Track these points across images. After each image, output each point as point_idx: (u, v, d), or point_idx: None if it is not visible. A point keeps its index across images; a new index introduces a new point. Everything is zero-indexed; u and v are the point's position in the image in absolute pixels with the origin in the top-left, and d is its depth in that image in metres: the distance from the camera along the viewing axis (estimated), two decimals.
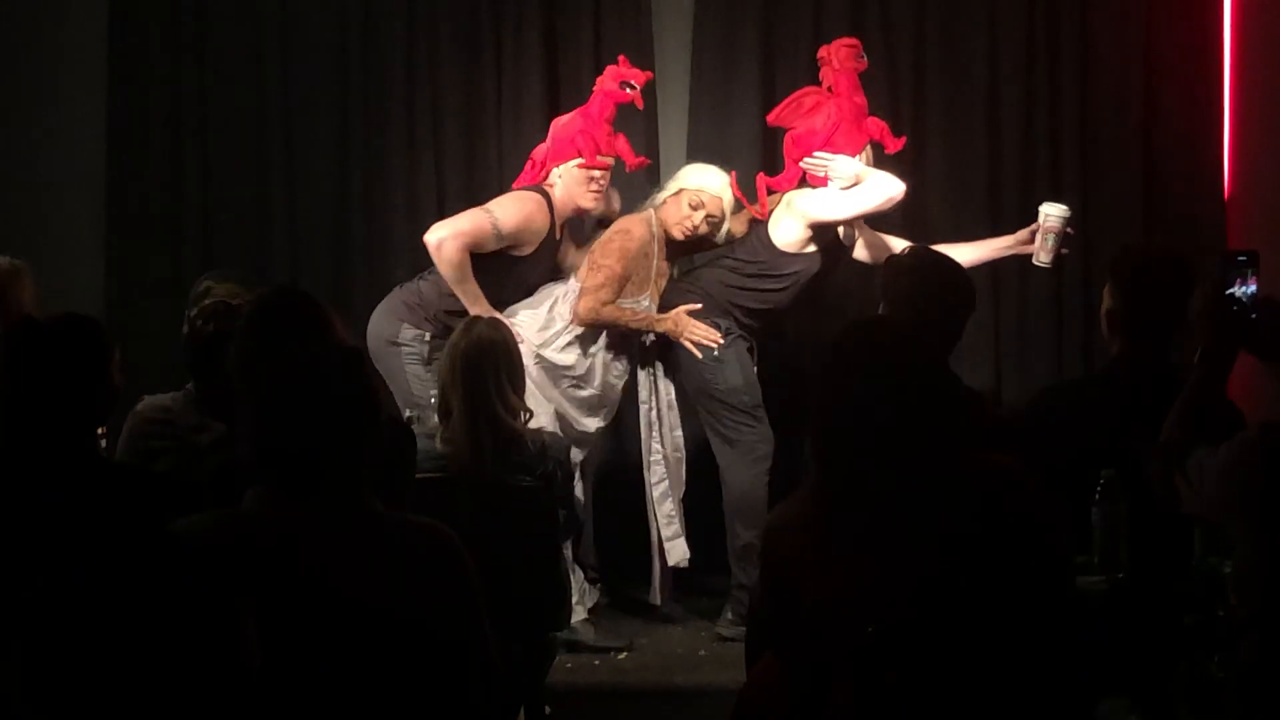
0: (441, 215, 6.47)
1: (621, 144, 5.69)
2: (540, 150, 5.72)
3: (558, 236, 5.66)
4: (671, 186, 5.73)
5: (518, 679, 3.97)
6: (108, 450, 4.38)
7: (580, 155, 5.56)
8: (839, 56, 5.72)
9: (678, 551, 5.75)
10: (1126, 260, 3.91)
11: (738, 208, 5.74)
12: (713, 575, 5.92)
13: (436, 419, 4.46)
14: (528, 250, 5.55)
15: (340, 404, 2.76)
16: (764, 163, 6.24)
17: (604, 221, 5.82)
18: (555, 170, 5.61)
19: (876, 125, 5.74)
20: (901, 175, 5.84)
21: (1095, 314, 4.02)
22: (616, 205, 5.85)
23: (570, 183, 5.59)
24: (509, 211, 5.52)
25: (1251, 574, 2.81)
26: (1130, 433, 3.31)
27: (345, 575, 2.67)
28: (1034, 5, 6.43)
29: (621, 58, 5.81)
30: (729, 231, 5.77)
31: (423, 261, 6.47)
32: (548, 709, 4.55)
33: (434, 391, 4.78)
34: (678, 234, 5.67)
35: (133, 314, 6.51)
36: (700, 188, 5.67)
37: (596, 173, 5.57)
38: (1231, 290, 3.17)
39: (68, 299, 5.69)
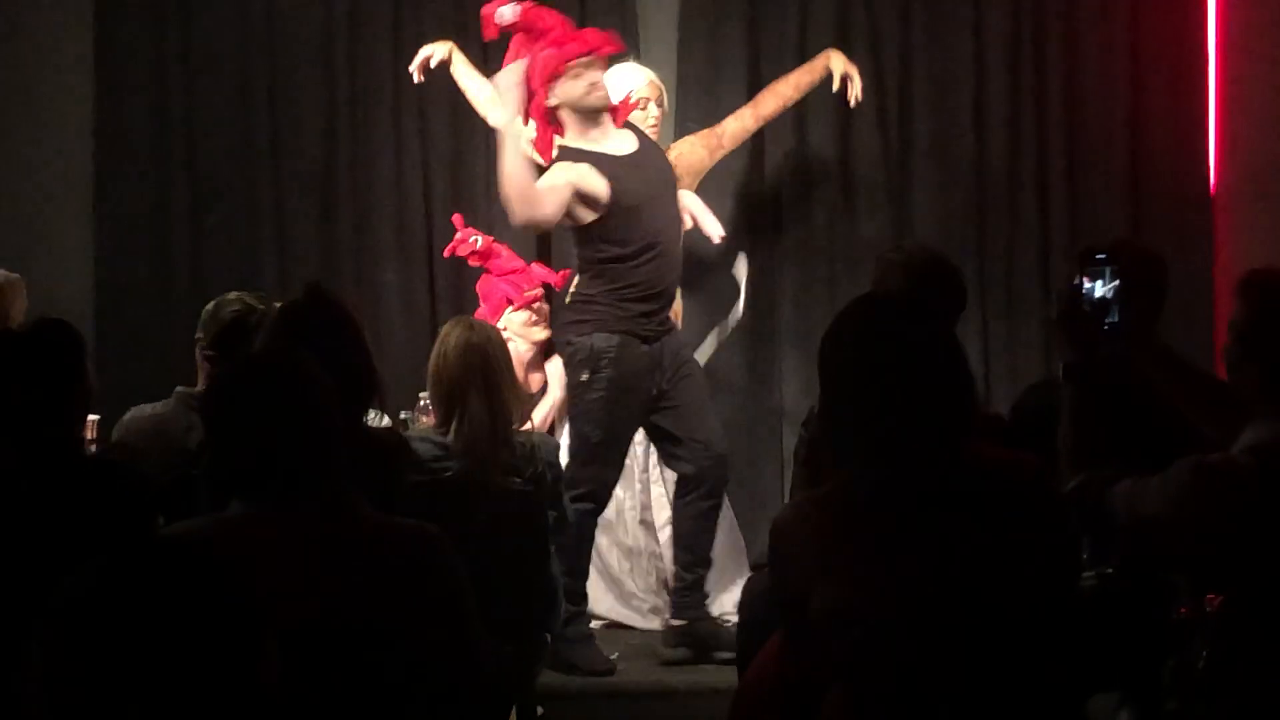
0: (429, 217, 6.51)
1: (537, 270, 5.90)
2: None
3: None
4: None
5: (509, 680, 3.97)
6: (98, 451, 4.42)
7: (510, 302, 5.80)
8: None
9: None
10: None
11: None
12: None
13: (423, 421, 4.43)
14: None
15: (274, 407, 2.72)
16: (750, 162, 6.27)
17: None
18: (500, 326, 5.70)
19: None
20: (889, 176, 5.84)
21: None
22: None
23: (517, 328, 5.80)
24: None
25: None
26: None
27: (331, 577, 2.67)
28: (1019, 6, 6.44)
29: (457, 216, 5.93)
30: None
31: (412, 265, 6.50)
32: (540, 710, 4.55)
33: (423, 394, 4.75)
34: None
35: (120, 321, 6.51)
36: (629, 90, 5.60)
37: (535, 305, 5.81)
38: (1091, 293, 2.94)
39: (55, 306, 5.69)
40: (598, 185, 5.13)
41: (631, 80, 5.71)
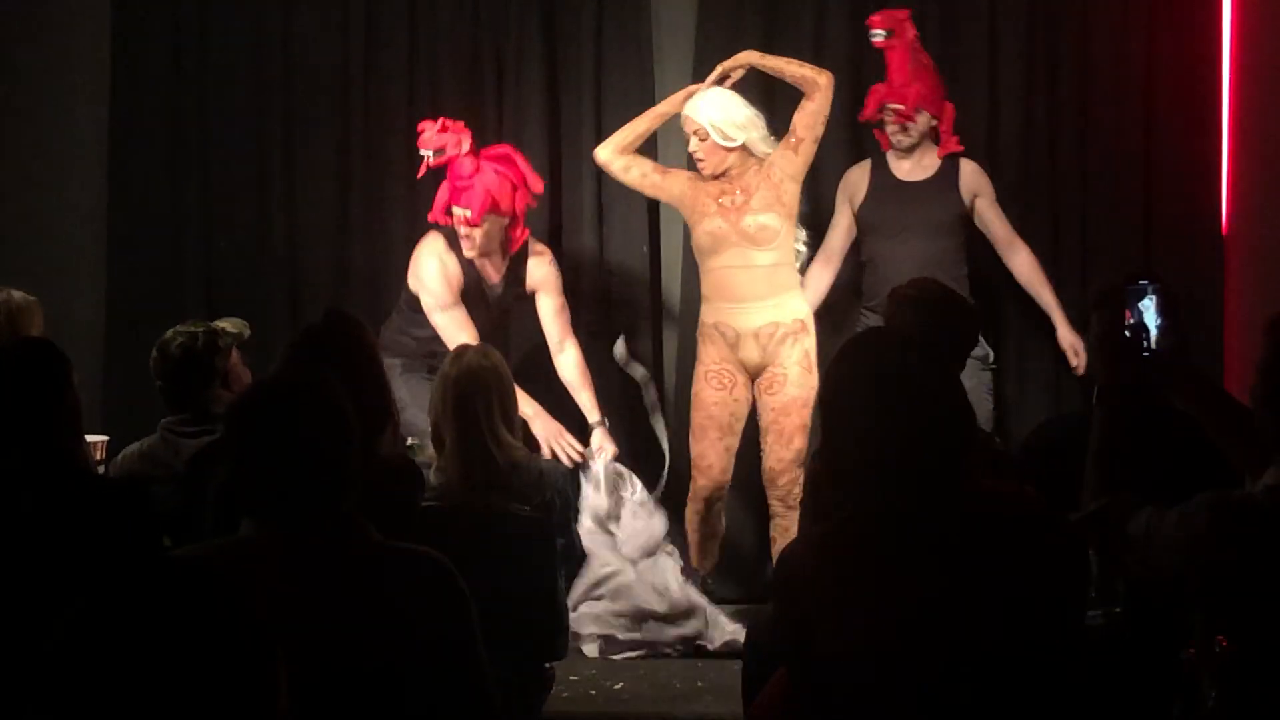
0: None
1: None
2: None
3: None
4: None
5: (514, 709, 3.96)
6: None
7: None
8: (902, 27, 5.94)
9: None
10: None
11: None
12: None
13: (430, 449, 4.44)
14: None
15: (300, 430, 2.72)
16: None
17: None
18: None
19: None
20: None
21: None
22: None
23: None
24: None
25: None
26: None
27: (338, 602, 2.66)
28: (1033, 36, 6.44)
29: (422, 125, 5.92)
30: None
31: None
32: None
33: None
34: (705, 171, 5.81)
35: (131, 344, 6.50)
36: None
37: (461, 229, 5.77)
38: (1133, 320, 2.94)
39: (67, 327, 5.71)
40: None
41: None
